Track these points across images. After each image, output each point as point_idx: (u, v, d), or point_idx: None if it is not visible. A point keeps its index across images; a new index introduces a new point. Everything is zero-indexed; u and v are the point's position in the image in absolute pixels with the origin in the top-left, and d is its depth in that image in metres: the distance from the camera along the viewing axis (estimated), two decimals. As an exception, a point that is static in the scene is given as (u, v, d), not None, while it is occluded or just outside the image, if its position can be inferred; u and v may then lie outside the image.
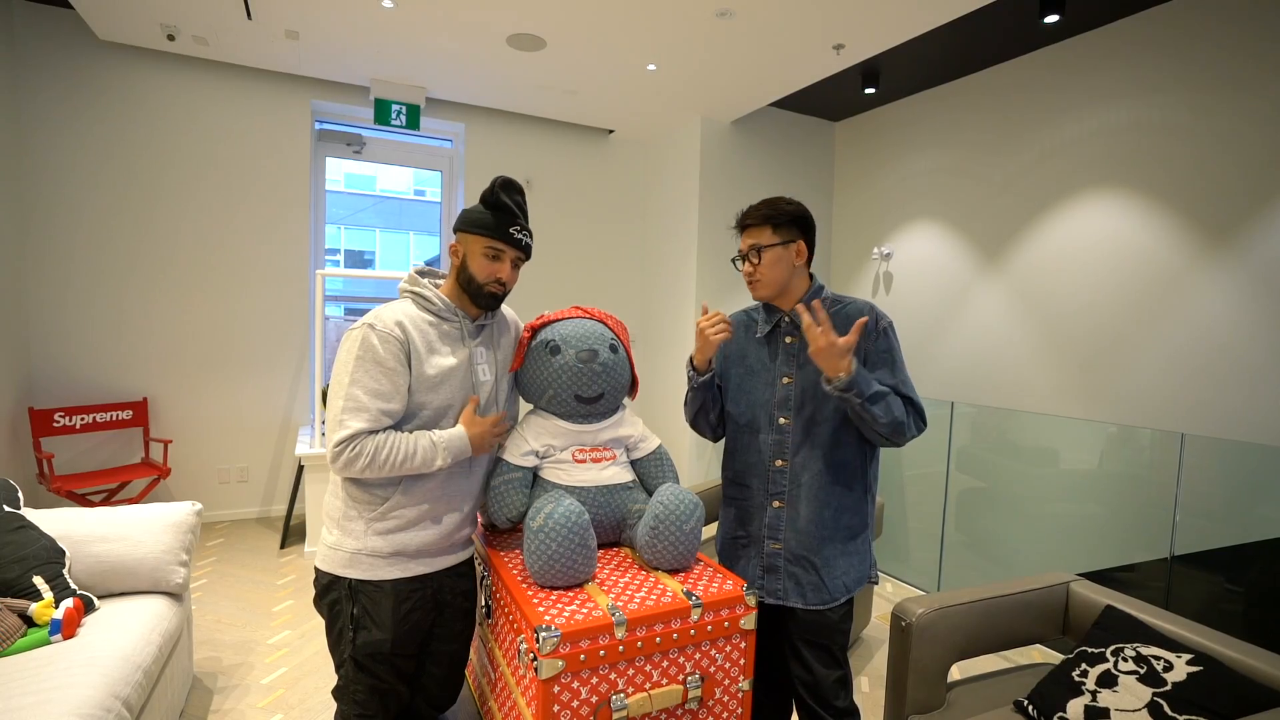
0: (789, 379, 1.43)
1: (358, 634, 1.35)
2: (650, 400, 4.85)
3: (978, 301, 3.81)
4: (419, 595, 1.39)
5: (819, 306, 1.28)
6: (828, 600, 1.40)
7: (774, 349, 1.47)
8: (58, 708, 1.34)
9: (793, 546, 1.41)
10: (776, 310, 1.47)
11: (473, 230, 1.38)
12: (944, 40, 3.32)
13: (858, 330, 1.25)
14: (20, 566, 1.72)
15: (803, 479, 1.41)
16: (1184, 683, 1.30)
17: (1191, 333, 2.86)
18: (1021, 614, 1.68)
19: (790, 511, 1.41)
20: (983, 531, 3.02)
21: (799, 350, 1.43)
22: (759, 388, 1.47)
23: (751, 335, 1.52)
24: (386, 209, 4.74)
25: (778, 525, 1.43)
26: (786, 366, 1.44)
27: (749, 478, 1.48)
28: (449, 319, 1.42)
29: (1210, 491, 2.32)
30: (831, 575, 1.40)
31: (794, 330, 1.44)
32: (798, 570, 1.41)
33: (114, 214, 3.56)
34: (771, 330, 1.48)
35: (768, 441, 1.44)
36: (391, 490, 1.35)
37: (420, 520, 1.38)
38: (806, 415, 1.41)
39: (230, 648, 2.45)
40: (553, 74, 3.66)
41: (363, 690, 1.38)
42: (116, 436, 3.61)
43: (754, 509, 1.47)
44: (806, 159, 4.76)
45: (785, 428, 1.42)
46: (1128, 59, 3.10)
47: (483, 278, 1.39)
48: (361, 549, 1.34)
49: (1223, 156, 2.78)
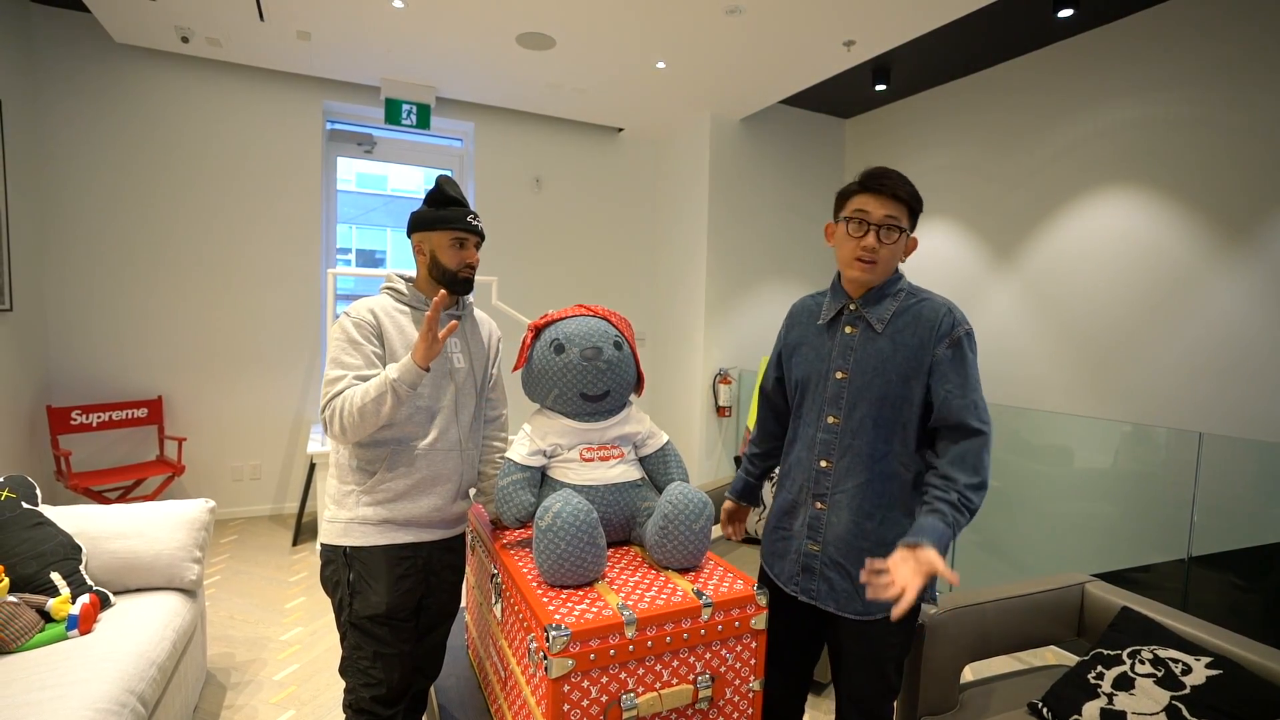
0: (843, 374, 1.31)
1: (355, 599, 1.43)
2: (659, 398, 4.84)
3: (990, 299, 3.77)
4: (409, 563, 1.47)
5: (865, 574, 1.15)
6: (861, 613, 1.30)
7: (833, 338, 1.34)
8: (74, 702, 1.36)
9: (831, 551, 1.32)
10: (843, 294, 1.35)
11: (435, 227, 1.48)
12: (955, 36, 3.29)
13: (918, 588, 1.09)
14: (38, 563, 1.75)
15: (846, 485, 1.30)
16: (1203, 686, 1.28)
17: (1208, 330, 2.82)
18: (1036, 615, 1.66)
19: (831, 515, 1.32)
20: (996, 531, 2.99)
21: (859, 344, 1.30)
22: (814, 379, 1.36)
23: (814, 322, 1.40)
24: (398, 208, 4.76)
25: (818, 526, 1.34)
26: (842, 360, 1.31)
27: (795, 472, 1.39)
28: (419, 307, 1.52)
29: (1229, 491, 2.28)
30: (866, 590, 1.30)
31: (858, 321, 1.31)
32: (833, 575, 1.32)
33: (128, 214, 3.60)
34: (834, 318, 1.36)
35: (815, 439, 1.34)
36: (379, 464, 1.45)
37: (407, 492, 1.46)
38: (857, 418, 1.28)
39: (243, 644, 2.47)
40: (562, 72, 3.66)
41: (366, 657, 1.43)
42: (132, 434, 3.65)
43: (798, 505, 1.38)
44: (817, 156, 4.73)
45: (833, 427, 1.31)
46: (1142, 54, 3.05)
47: (454, 265, 1.49)
48: (354, 518, 1.44)
49: (1239, 152, 2.74)
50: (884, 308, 1.29)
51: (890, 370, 1.26)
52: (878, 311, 1.29)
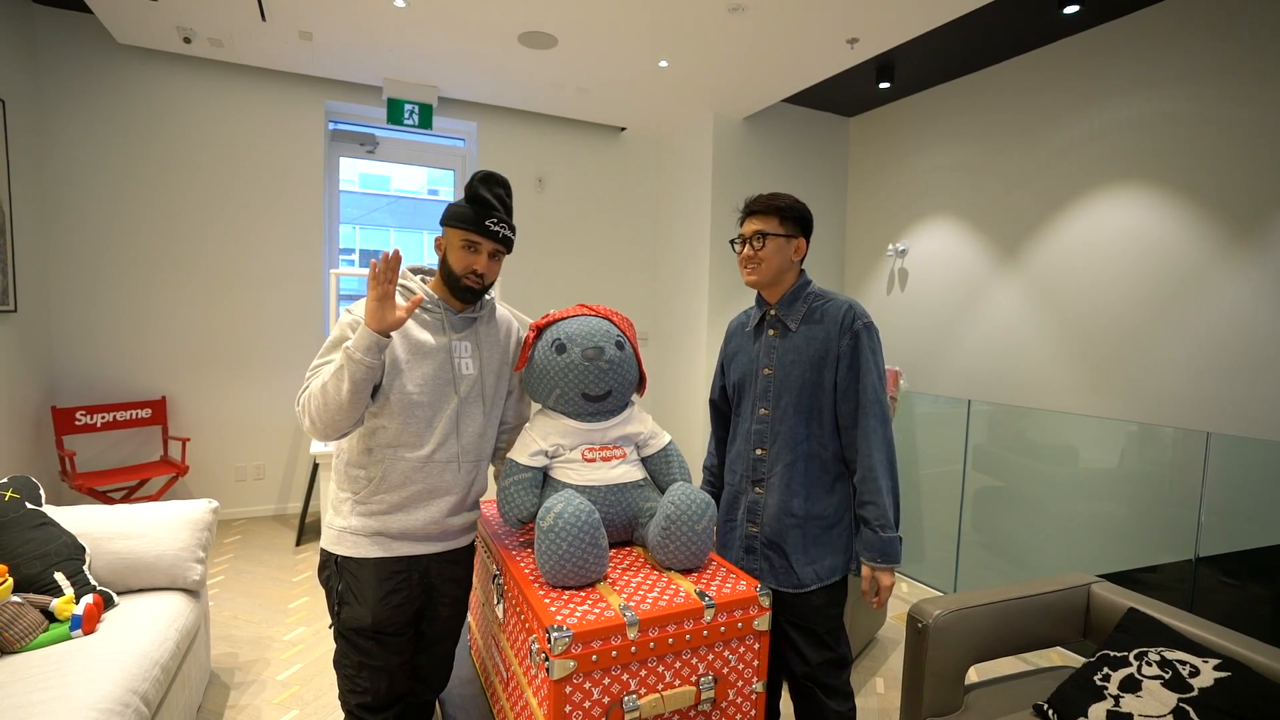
0: (769, 370, 1.50)
1: (341, 609, 1.41)
2: (661, 398, 4.84)
3: (995, 298, 3.75)
4: (402, 576, 1.42)
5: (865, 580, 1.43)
6: (797, 585, 1.44)
7: (759, 341, 1.54)
8: (78, 702, 1.36)
9: (766, 531, 1.48)
10: (764, 303, 1.54)
11: (452, 224, 1.40)
12: (960, 33, 3.27)
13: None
14: (42, 563, 1.75)
15: (776, 468, 1.48)
16: (1211, 689, 1.27)
17: (1215, 328, 2.80)
18: (1041, 616, 1.65)
19: (767, 498, 1.49)
20: (1000, 531, 2.97)
21: (779, 344, 1.50)
22: (747, 379, 1.55)
23: (743, 330, 1.60)
24: (400, 208, 4.76)
25: (756, 510, 1.51)
26: (767, 359, 1.51)
27: (737, 464, 1.57)
28: (430, 309, 1.44)
29: (1236, 491, 2.26)
30: (799, 563, 1.45)
31: (777, 324, 1.51)
32: (771, 554, 1.48)
33: (131, 215, 3.61)
34: (759, 323, 1.55)
35: (751, 431, 1.52)
36: (374, 474, 1.40)
37: (402, 505, 1.41)
38: (783, 406, 1.47)
39: (246, 644, 2.47)
40: (564, 72, 3.66)
41: (352, 665, 1.42)
42: (136, 435, 3.66)
43: (739, 494, 1.55)
44: (820, 155, 4.71)
45: (764, 418, 1.50)
46: (1148, 50, 3.03)
47: (460, 269, 1.39)
48: (347, 527, 1.41)
49: (1247, 148, 2.71)
50: (796, 310, 1.49)
51: (805, 361, 1.45)
52: (791, 313, 1.49)
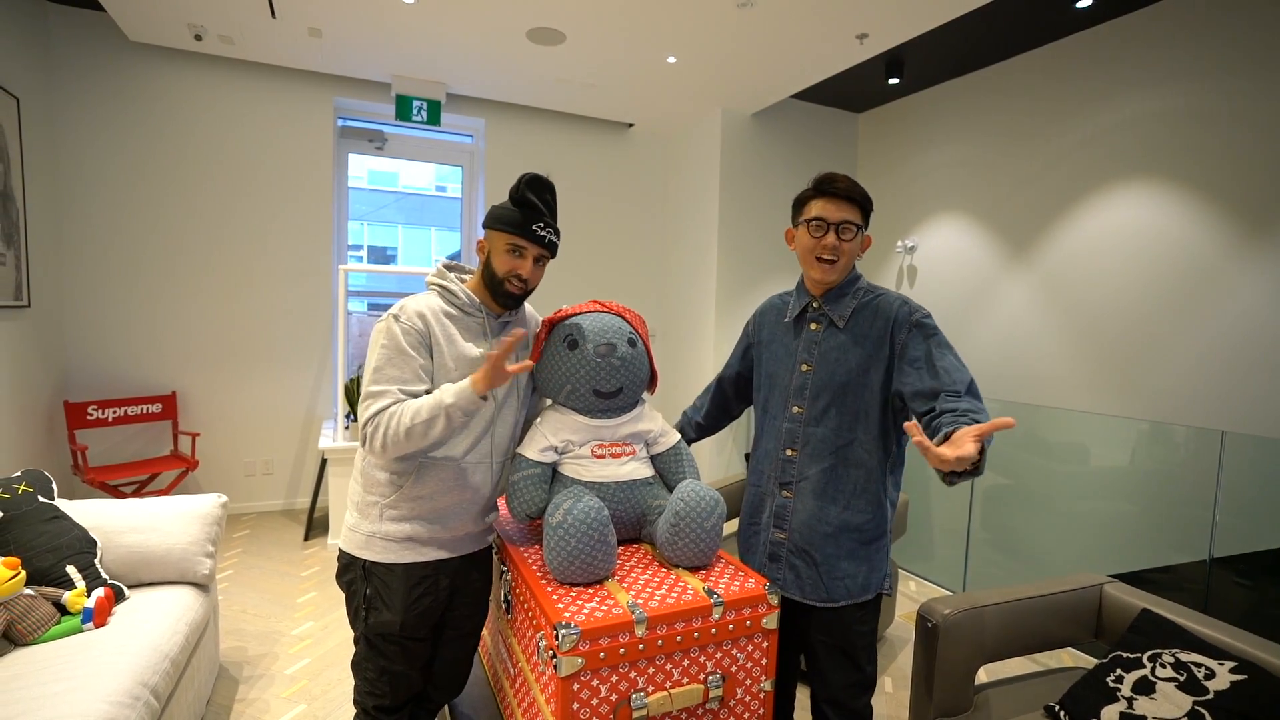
0: (807, 366, 1.40)
1: (369, 614, 1.40)
2: (671, 395, 4.83)
3: (1005, 295, 3.72)
4: (431, 580, 1.42)
5: (914, 429, 1.07)
6: (825, 599, 1.36)
7: (798, 335, 1.43)
8: (88, 694, 1.37)
9: (796, 539, 1.38)
10: (806, 293, 1.44)
11: (497, 226, 1.38)
12: (970, 28, 3.24)
13: (978, 438, 1.03)
14: (54, 556, 1.76)
15: (810, 472, 1.37)
16: (1227, 691, 1.25)
17: (1230, 326, 2.76)
18: (1052, 616, 1.63)
19: (797, 503, 1.39)
20: (1010, 530, 2.95)
21: (822, 339, 1.39)
22: (780, 373, 1.45)
23: (780, 319, 1.49)
24: (409, 205, 4.77)
25: (784, 515, 1.41)
26: (807, 353, 1.40)
27: (764, 464, 1.47)
28: (471, 313, 1.43)
29: (1252, 491, 2.23)
30: (831, 576, 1.35)
31: (821, 318, 1.40)
32: (799, 563, 1.38)
33: (143, 211, 3.63)
34: (799, 314, 1.44)
35: (781, 429, 1.42)
36: (406, 478, 1.38)
37: (434, 509, 1.40)
38: (820, 406, 1.36)
39: (255, 638, 2.49)
40: (572, 68, 3.65)
41: (373, 670, 1.42)
42: (147, 429, 3.69)
43: (765, 496, 1.46)
44: (829, 151, 4.68)
45: (798, 416, 1.39)
46: (1161, 45, 2.99)
47: (503, 273, 1.39)
48: (376, 532, 1.39)
49: (1260, 144, 2.67)
50: (844, 305, 1.38)
51: (851, 360, 1.34)
52: (839, 308, 1.38)
